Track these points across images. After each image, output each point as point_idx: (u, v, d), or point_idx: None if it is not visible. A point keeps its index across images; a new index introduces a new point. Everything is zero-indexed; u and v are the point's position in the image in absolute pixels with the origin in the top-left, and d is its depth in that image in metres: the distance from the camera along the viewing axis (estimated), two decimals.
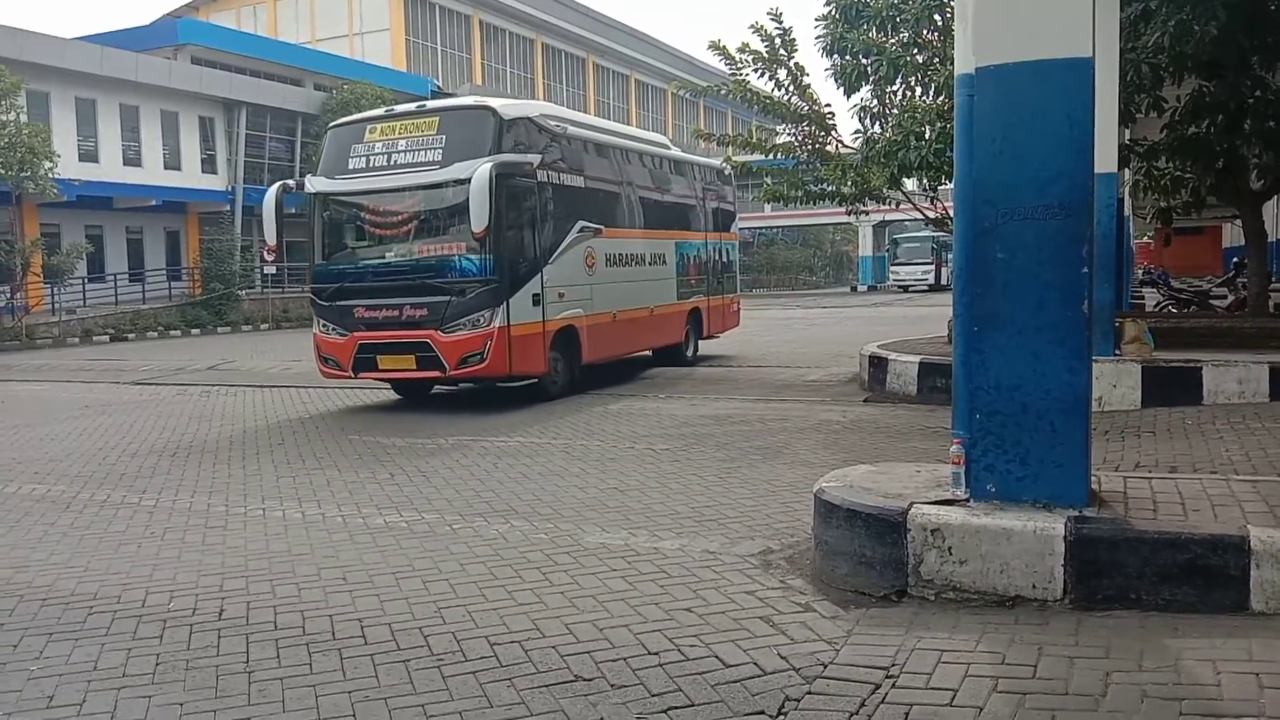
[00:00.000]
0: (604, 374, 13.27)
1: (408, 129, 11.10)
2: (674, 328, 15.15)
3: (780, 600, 4.34)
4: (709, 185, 16.80)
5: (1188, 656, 3.48)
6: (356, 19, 47.80)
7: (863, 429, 8.96)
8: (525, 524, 5.88)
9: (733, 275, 17.97)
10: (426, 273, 10.86)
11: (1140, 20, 10.90)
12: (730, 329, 17.68)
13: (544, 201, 11.46)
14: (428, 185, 10.88)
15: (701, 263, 16.16)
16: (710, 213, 16.77)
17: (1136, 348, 9.50)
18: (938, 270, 52.12)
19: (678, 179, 15.74)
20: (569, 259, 12.01)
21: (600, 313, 12.66)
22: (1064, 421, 4.19)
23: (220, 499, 6.96)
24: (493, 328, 10.59)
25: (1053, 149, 4.19)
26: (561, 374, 11.91)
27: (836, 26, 12.32)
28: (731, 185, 17.85)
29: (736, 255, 18.49)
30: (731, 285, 17.82)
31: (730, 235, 17.99)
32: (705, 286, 16.29)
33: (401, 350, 10.90)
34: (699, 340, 16.12)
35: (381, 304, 10.98)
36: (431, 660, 3.84)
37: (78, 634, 4.31)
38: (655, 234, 14.53)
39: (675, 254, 15.14)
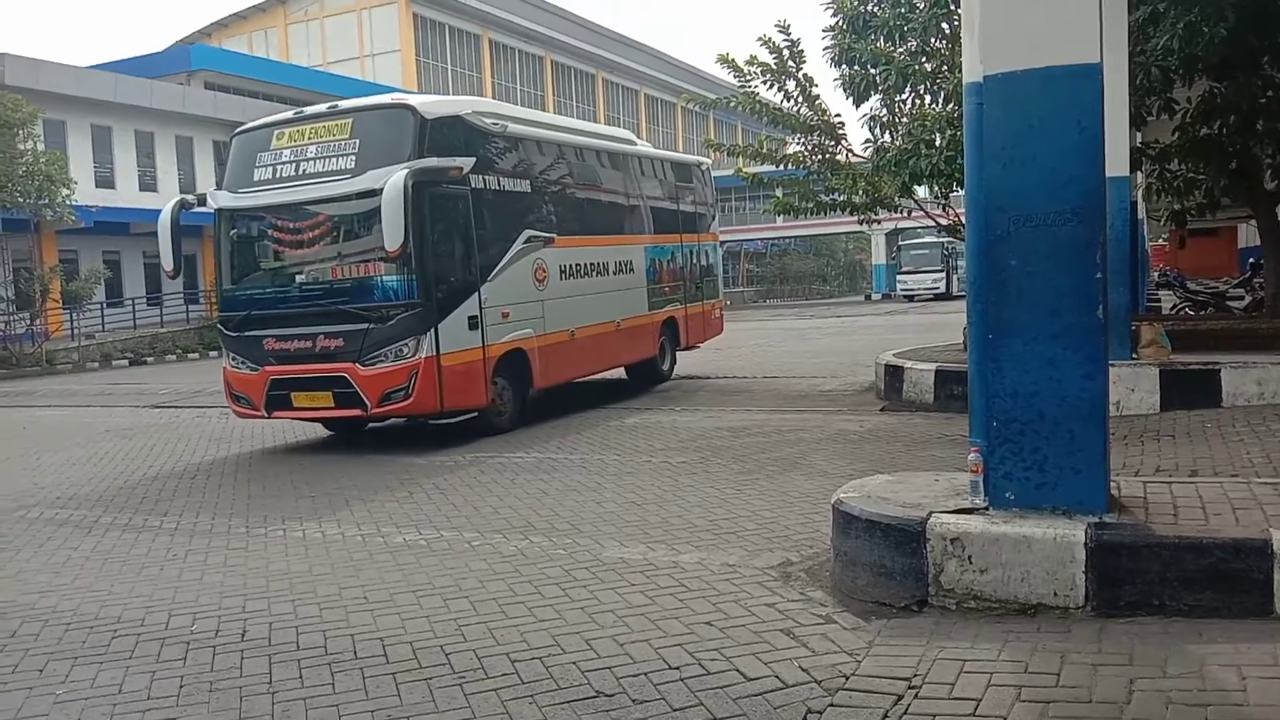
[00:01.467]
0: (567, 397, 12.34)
1: (318, 133, 9.79)
2: (645, 342, 13.82)
3: (800, 612, 4.33)
4: (683, 183, 15.54)
5: (1212, 662, 3.46)
6: (367, 41, 48.17)
7: (880, 438, 8.94)
8: (544, 540, 5.89)
9: (714, 279, 16.69)
10: (341, 298, 9.63)
11: (1149, 23, 10.88)
12: (712, 338, 16.56)
13: (480, 210, 10.24)
14: (337, 198, 9.61)
15: (677, 268, 14.87)
16: (686, 213, 15.47)
17: (1154, 351, 9.45)
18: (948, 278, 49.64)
19: (646, 177, 14.42)
20: (515, 274, 10.80)
21: (555, 332, 11.41)
22: (1082, 427, 4.18)
23: (240, 520, 7.00)
24: (418, 358, 9.38)
25: (1063, 155, 4.19)
26: (509, 404, 10.65)
27: (844, 37, 12.33)
28: (709, 182, 16.68)
29: (718, 257, 17.26)
30: (712, 290, 16.46)
31: (709, 236, 16.54)
32: (682, 294, 14.97)
33: (317, 386, 9.65)
34: (675, 353, 15.00)
35: (293, 334, 9.71)
36: (453, 678, 3.85)
37: (102, 658, 4.34)
38: (620, 239, 13.32)
39: (645, 260, 13.83)
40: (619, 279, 13.11)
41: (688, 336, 15.15)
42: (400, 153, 9.41)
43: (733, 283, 71.37)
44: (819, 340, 23.80)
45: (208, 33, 50.25)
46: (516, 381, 10.81)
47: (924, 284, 49.37)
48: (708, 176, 16.59)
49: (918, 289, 49.52)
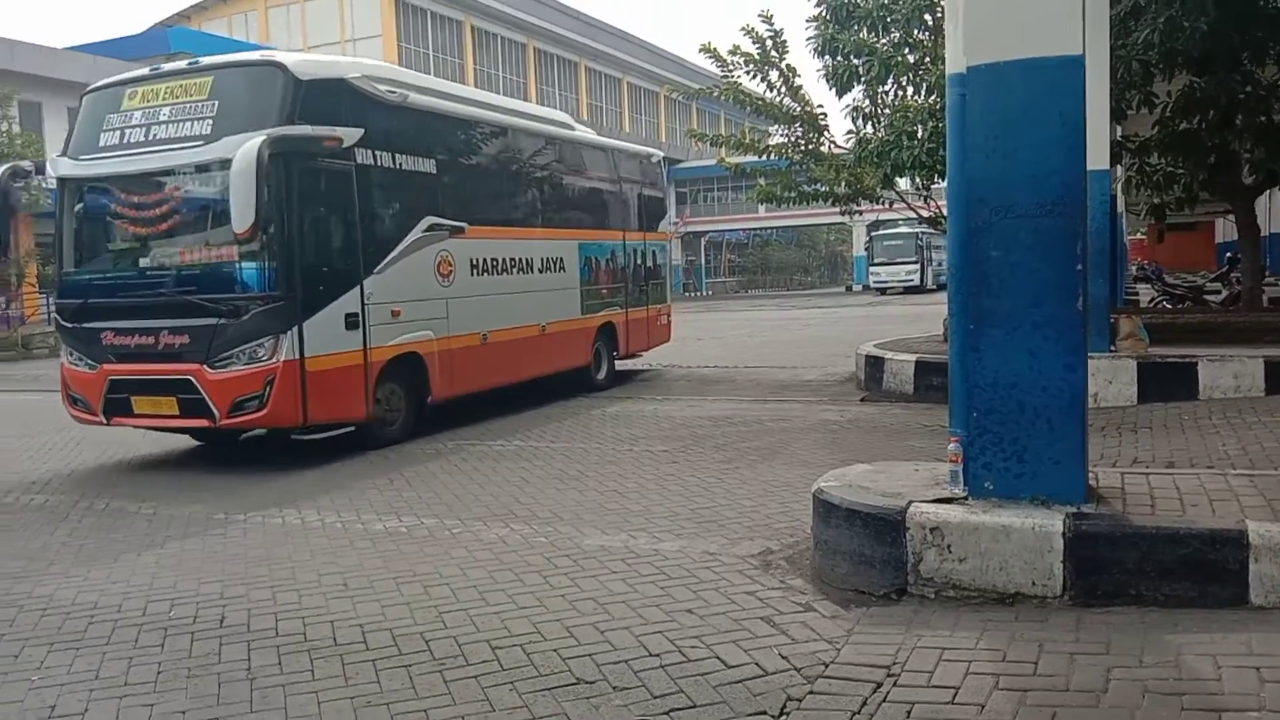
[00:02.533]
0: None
1: (174, 93, 8.41)
2: (576, 348, 12.48)
3: (781, 600, 4.34)
4: (629, 176, 14.18)
5: (1188, 651, 3.49)
6: (348, 26, 47.76)
7: (860, 428, 8.97)
8: (525, 527, 5.89)
9: (661, 282, 15.17)
10: (189, 286, 8.25)
11: (1130, 17, 10.93)
12: (658, 345, 15.11)
13: (368, 191, 8.95)
14: (185, 168, 8.33)
15: (617, 268, 13.51)
16: (631, 208, 14.16)
17: (1132, 344, 9.52)
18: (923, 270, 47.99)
19: (585, 166, 13.15)
20: (411, 266, 9.44)
21: (462, 335, 10.06)
22: (1061, 418, 4.21)
23: (219, 506, 6.95)
24: (276, 361, 7.98)
25: (1045, 147, 4.21)
26: (402, 415, 9.38)
27: (827, 28, 12.35)
28: (661, 175, 15.55)
29: (668, 258, 15.76)
30: (659, 294, 15.02)
31: (659, 235, 15.23)
32: (623, 297, 13.62)
33: (160, 390, 8.29)
34: (613, 362, 13.49)
35: (136, 328, 8.36)
36: (433, 665, 3.84)
37: (79, 643, 4.31)
38: (549, 233, 12.01)
39: (579, 258, 12.54)
40: (546, 278, 11.83)
41: (628, 344, 13.84)
42: (265, 118, 8.06)
43: (715, 273, 71.62)
44: (800, 331, 23.86)
45: (187, 15, 49.69)
46: (411, 390, 9.50)
47: (897, 276, 47.73)
48: (659, 170, 15.42)
49: (891, 281, 47.80)
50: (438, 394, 9.74)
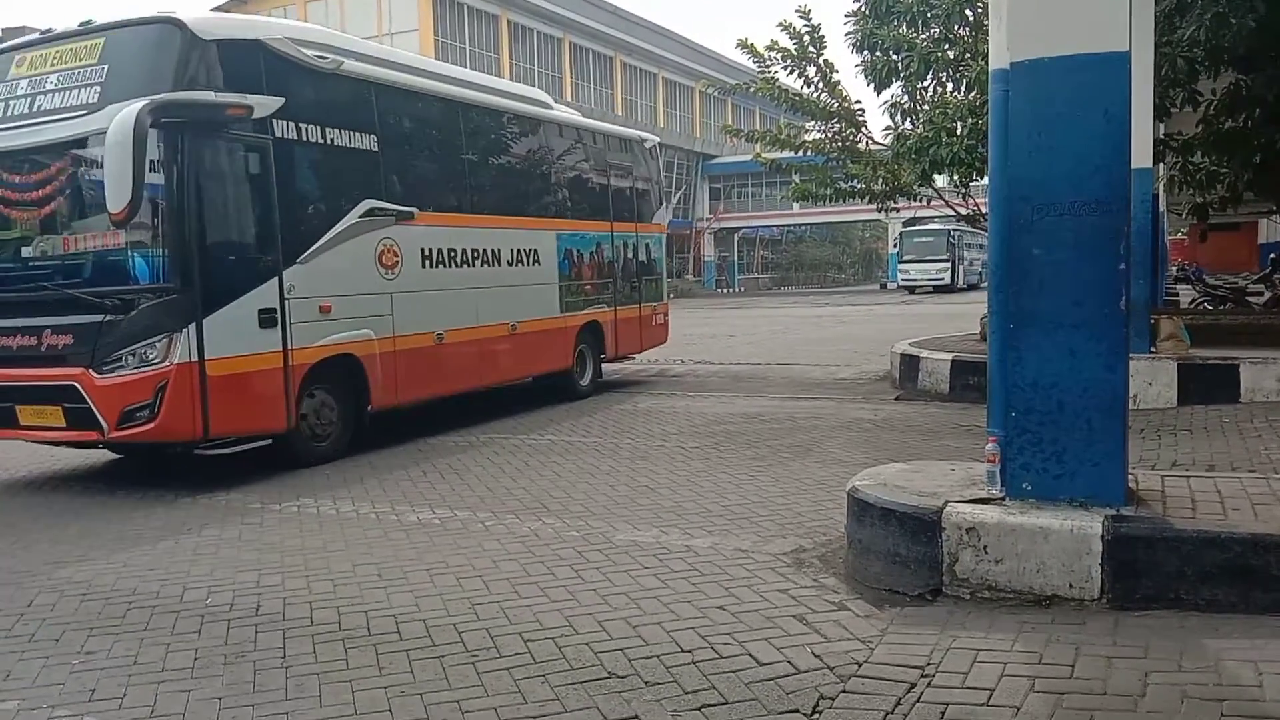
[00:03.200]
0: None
1: (64, 58, 7.47)
2: (555, 350, 11.37)
3: (814, 599, 4.32)
4: (619, 163, 13.07)
5: (1229, 657, 3.44)
6: (386, 20, 48.08)
7: (895, 427, 8.91)
8: (557, 521, 5.90)
9: (656, 279, 13.90)
10: (74, 278, 7.30)
11: (1175, 13, 10.75)
12: (653, 346, 14.04)
13: (289, 169, 7.92)
14: (67, 143, 7.34)
15: (603, 262, 12.44)
16: (621, 197, 13.01)
17: (1172, 345, 9.39)
18: (953, 268, 46.47)
19: (565, 150, 12.01)
20: (345, 255, 8.33)
21: (410, 334, 8.91)
22: (1101, 419, 4.16)
23: (256, 495, 7.02)
24: (169, 364, 6.95)
25: (1089, 144, 4.15)
26: (335, 426, 8.31)
27: (866, 23, 12.26)
28: (655, 163, 14.31)
29: (662, 253, 14.34)
30: (654, 292, 13.81)
31: (653, 227, 13.96)
32: (611, 294, 12.55)
33: (44, 398, 7.25)
34: (599, 365, 12.47)
35: (16, 327, 7.39)
36: (466, 656, 3.86)
37: (118, 629, 4.37)
38: (521, 223, 10.87)
39: (558, 250, 11.43)
40: (517, 271, 10.65)
41: (616, 345, 12.70)
42: (158, 83, 7.08)
43: (748, 269, 71.42)
44: (834, 328, 23.74)
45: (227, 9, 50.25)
46: (346, 397, 8.45)
47: (927, 274, 46.08)
48: (654, 156, 14.25)
49: (920, 279, 46.20)
50: (379, 401, 8.67)
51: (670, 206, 13.86)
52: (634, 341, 13.30)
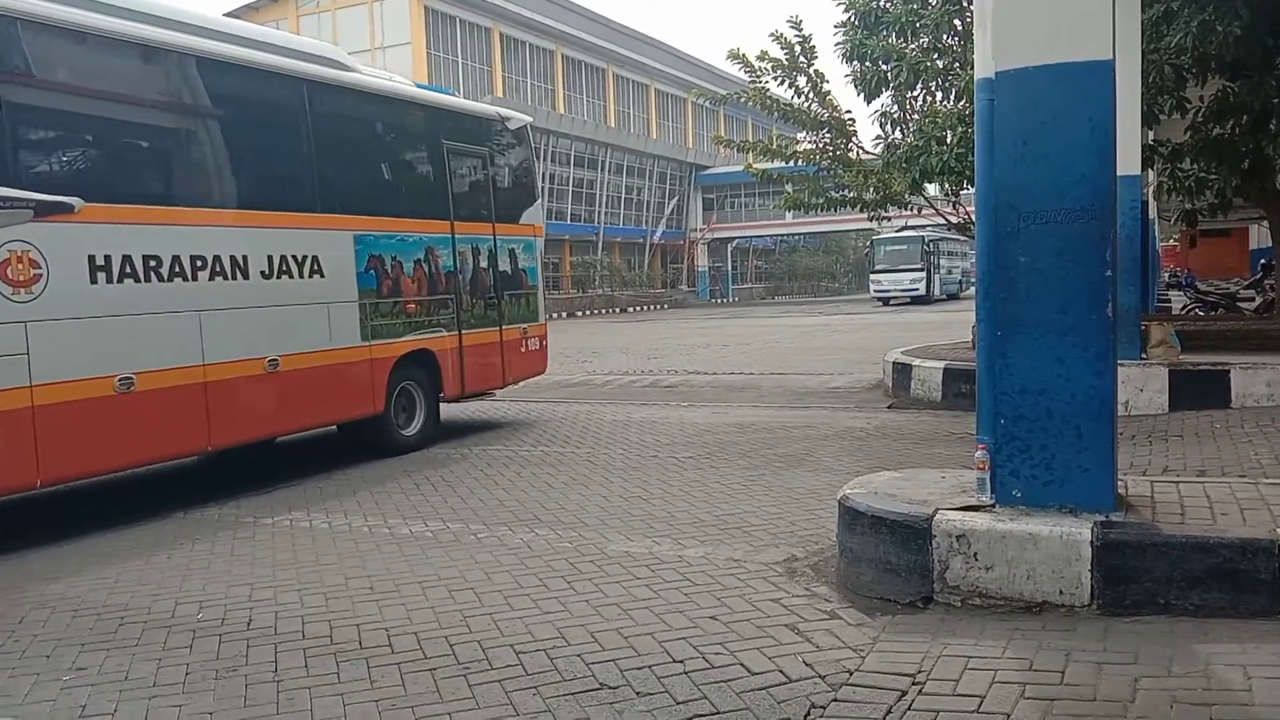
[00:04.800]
0: None
1: None
2: (350, 391, 8.62)
3: (805, 607, 4.33)
4: (466, 146, 10.37)
5: (1218, 662, 3.45)
6: (378, 33, 48.21)
7: (887, 435, 8.93)
8: (549, 532, 5.90)
9: (526, 294, 11.09)
10: None
11: (1162, 21, 10.82)
12: (525, 378, 11.30)
13: None
14: None
15: (438, 273, 9.68)
16: (469, 190, 10.45)
17: (1163, 351, 9.42)
18: (929, 277, 44.43)
19: (372, 127, 9.36)
20: None
21: (64, 382, 6.40)
22: (1089, 426, 4.17)
23: (248, 510, 7.02)
24: None
25: (1074, 152, 4.17)
26: None
27: (856, 33, 12.31)
28: (526, 148, 11.50)
29: (536, 261, 11.37)
30: (523, 310, 11.00)
31: (521, 228, 11.13)
32: (452, 314, 9.83)
33: None
34: (436, 407, 9.79)
35: None
36: (458, 669, 3.86)
37: (110, 645, 4.36)
38: (285, 220, 8.10)
39: (356, 258, 8.67)
40: (282, 286, 7.92)
41: (462, 379, 9.96)
42: None
43: (741, 279, 71.57)
44: (827, 337, 23.78)
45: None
46: None
47: (901, 284, 43.91)
48: (523, 141, 11.44)
49: (893, 290, 44.01)
50: (8, 484, 6.30)
51: (539, 204, 11.68)
52: (491, 374, 10.49)
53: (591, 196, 56.13)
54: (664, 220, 62.13)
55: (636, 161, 59.41)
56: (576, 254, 55.60)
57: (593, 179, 55.98)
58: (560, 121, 52.46)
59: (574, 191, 54.58)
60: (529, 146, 11.60)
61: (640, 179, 60.27)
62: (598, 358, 19.87)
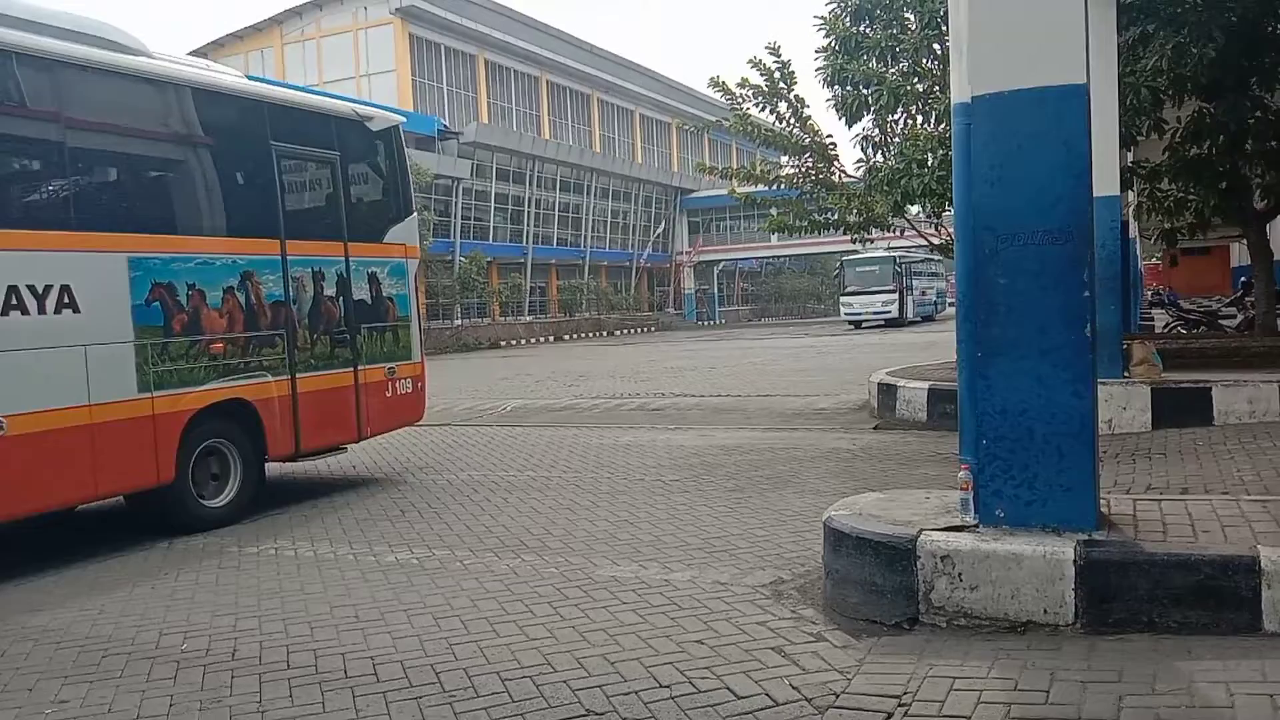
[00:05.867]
0: None
1: None
2: (120, 459, 6.82)
3: (792, 630, 4.33)
4: (305, 150, 8.60)
5: (1201, 679, 3.47)
6: (363, 61, 48.37)
7: (873, 456, 8.95)
8: (536, 558, 5.89)
9: (395, 326, 9.21)
10: None
11: (1138, 44, 10.99)
12: (396, 426, 9.62)
13: None
14: None
15: (260, 304, 7.84)
16: (310, 202, 8.92)
17: (1145, 369, 9.49)
18: (902, 299, 43.15)
19: (166, 122, 7.61)
20: None
21: None
22: (1071, 445, 4.20)
23: (233, 538, 6.98)
24: None
25: (1051, 174, 4.23)
26: None
27: (836, 58, 12.43)
28: (394, 153, 9.51)
29: (408, 288, 9.42)
30: (390, 347, 9.15)
31: (387, 248, 9.24)
32: (280, 353, 8.00)
33: None
34: (260, 470, 7.99)
35: None
36: (443, 697, 3.84)
37: (92, 676, 4.33)
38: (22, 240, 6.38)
39: (134, 287, 6.96)
40: (9, 327, 6.21)
41: (296, 434, 8.12)
42: None
43: (728, 301, 71.79)
44: (813, 359, 23.84)
45: (204, 52, 50.28)
46: None
47: (872, 307, 42.63)
48: (392, 145, 9.49)
49: (864, 313, 42.67)
50: None
51: (414, 219, 9.82)
52: (339, 425, 8.62)
53: (578, 221, 56.31)
54: (650, 244, 62.35)
55: (622, 186, 59.67)
56: (563, 278, 55.71)
57: (579, 203, 56.18)
58: (546, 147, 52.70)
59: (560, 216, 54.76)
60: (399, 151, 9.60)
61: (626, 203, 60.52)
62: (584, 381, 19.87)
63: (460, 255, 45.18)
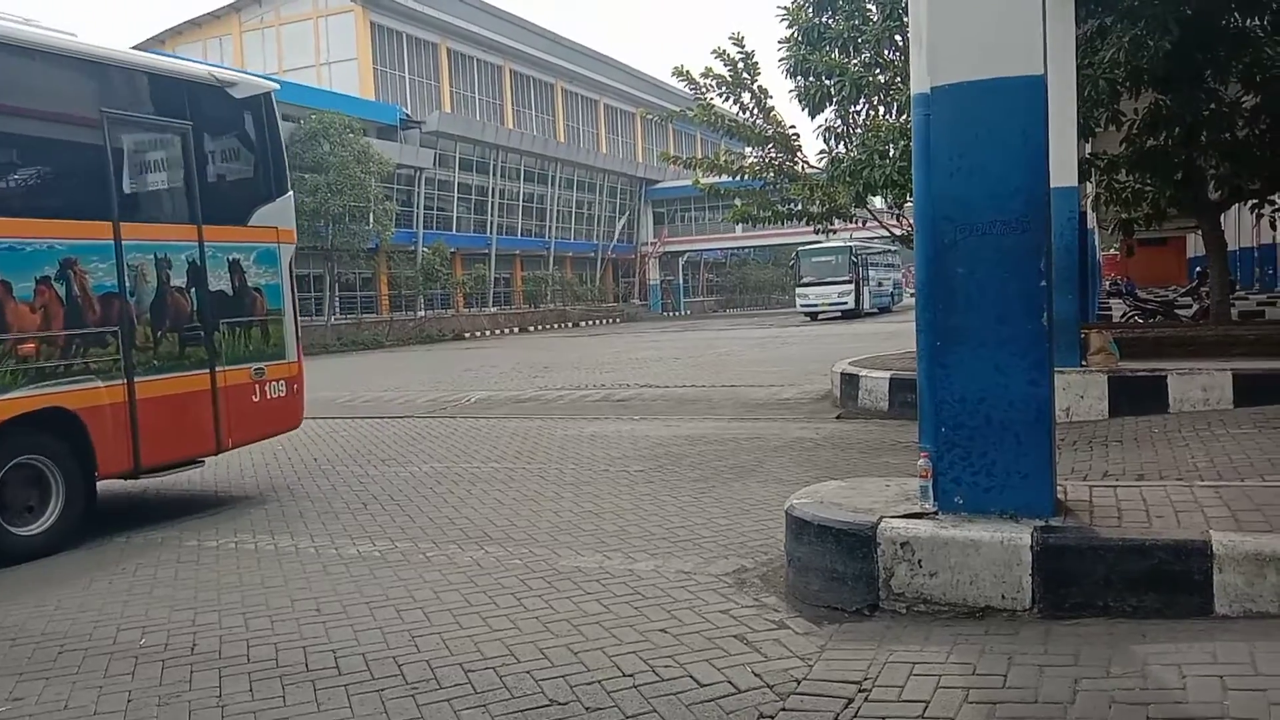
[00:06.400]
0: None
1: None
2: None
3: (754, 618, 4.36)
4: (145, 119, 7.59)
5: (1154, 661, 3.52)
6: (324, 49, 47.88)
7: (836, 445, 9.01)
8: (500, 550, 5.88)
9: (260, 323, 8.08)
10: None
11: (1096, 36, 11.11)
12: (266, 435, 8.60)
13: None
14: None
15: (86, 297, 6.80)
16: (161, 179, 7.81)
17: (1102, 358, 9.62)
18: (858, 290, 42.62)
19: None
20: None
21: None
22: (1028, 432, 4.25)
23: (193, 532, 6.90)
24: None
25: (1008, 165, 4.26)
26: None
27: (799, 49, 12.48)
28: (261, 123, 8.30)
29: (282, 277, 8.29)
30: (258, 346, 8.06)
31: (251, 232, 8.10)
32: (113, 355, 6.96)
33: None
34: (89, 493, 6.89)
35: None
36: (405, 689, 3.83)
37: (49, 673, 4.27)
38: None
39: None
40: None
41: (134, 447, 7.05)
42: None
43: (693, 292, 71.91)
44: (778, 349, 23.95)
45: (162, 39, 49.67)
46: None
47: (828, 298, 42.01)
48: (256, 114, 8.29)
49: (820, 304, 42.06)
50: None
51: (289, 199, 8.64)
52: (192, 435, 7.55)
53: (542, 211, 56.11)
54: (615, 234, 62.29)
55: (587, 176, 59.52)
56: (528, 269, 55.53)
57: (543, 194, 55.97)
58: (510, 137, 52.43)
59: (524, 206, 54.54)
60: (271, 122, 8.39)
61: (591, 194, 60.37)
62: (549, 373, 19.83)
63: (423, 246, 44.91)
